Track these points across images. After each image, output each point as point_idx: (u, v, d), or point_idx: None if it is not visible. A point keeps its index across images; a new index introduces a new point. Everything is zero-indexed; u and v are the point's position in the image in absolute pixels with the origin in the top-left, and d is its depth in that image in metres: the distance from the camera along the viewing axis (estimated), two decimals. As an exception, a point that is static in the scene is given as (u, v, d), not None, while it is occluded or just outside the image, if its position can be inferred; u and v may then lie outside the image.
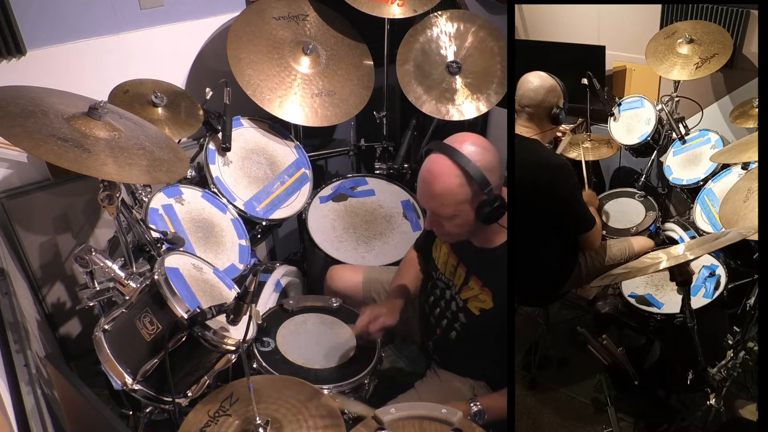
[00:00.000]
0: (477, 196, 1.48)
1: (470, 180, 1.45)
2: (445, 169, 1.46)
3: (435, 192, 1.49)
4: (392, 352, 2.44)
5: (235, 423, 1.35)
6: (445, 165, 1.47)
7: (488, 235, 1.60)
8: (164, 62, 2.28)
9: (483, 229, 1.57)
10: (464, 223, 1.53)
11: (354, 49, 2.43)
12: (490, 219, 1.50)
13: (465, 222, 1.53)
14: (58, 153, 1.30)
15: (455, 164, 1.45)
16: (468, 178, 1.45)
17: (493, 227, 1.56)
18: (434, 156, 1.49)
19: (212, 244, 1.99)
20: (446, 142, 1.49)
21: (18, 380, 1.45)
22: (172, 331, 1.37)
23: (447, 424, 1.30)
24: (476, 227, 1.55)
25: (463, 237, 1.62)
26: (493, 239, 1.61)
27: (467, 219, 1.52)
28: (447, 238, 1.70)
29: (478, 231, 1.58)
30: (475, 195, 1.48)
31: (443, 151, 1.47)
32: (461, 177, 1.46)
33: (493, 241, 1.61)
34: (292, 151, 2.38)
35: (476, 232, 1.59)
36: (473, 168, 1.44)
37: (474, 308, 1.68)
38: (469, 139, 1.49)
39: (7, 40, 1.94)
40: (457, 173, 1.46)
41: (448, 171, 1.46)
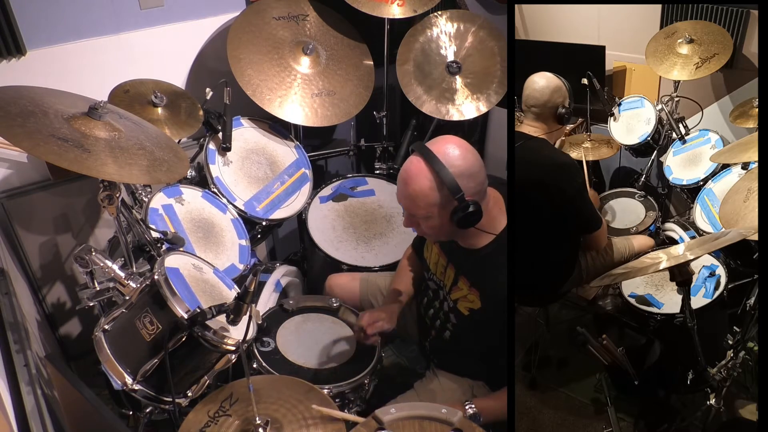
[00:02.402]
0: (449, 201, 1.48)
1: (441, 185, 1.45)
2: (419, 172, 1.47)
3: (408, 192, 1.50)
4: (392, 352, 2.44)
5: (235, 423, 1.35)
6: (419, 167, 1.47)
7: (472, 237, 1.61)
8: (164, 62, 2.28)
9: (465, 232, 1.57)
10: (438, 225, 1.54)
11: (354, 49, 2.43)
12: (463, 224, 1.50)
13: (439, 224, 1.53)
14: (58, 153, 1.30)
15: (429, 168, 1.46)
16: (439, 183, 1.46)
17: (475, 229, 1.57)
18: (413, 157, 1.50)
19: (212, 244, 1.99)
20: (427, 145, 1.50)
21: (18, 380, 1.45)
22: (172, 331, 1.37)
23: (447, 424, 1.29)
24: (454, 229, 1.55)
25: (442, 237, 1.62)
26: (478, 240, 1.61)
27: (441, 222, 1.52)
28: (427, 237, 1.72)
29: (459, 232, 1.58)
30: (446, 200, 1.48)
31: (421, 153, 1.48)
32: (432, 181, 1.46)
33: (478, 242, 1.61)
34: (292, 151, 2.38)
35: (458, 234, 1.59)
36: (446, 173, 1.44)
37: (463, 308, 1.68)
38: (450, 143, 1.49)
39: (7, 40, 1.94)
40: (429, 177, 1.46)
41: (422, 174, 1.46)
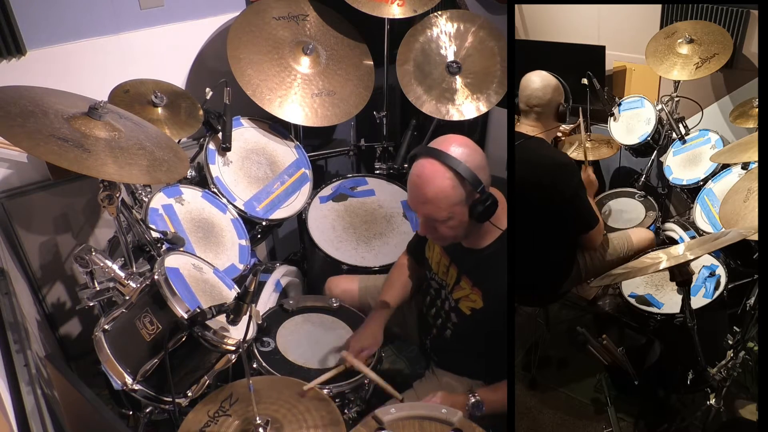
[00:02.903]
0: (470, 196, 1.48)
1: (462, 181, 1.46)
2: (436, 173, 1.46)
3: (428, 196, 1.48)
4: (392, 352, 2.44)
5: (235, 423, 1.36)
6: (435, 168, 1.46)
7: (477, 237, 1.61)
8: (164, 62, 2.28)
9: (473, 231, 1.57)
10: (458, 225, 1.53)
11: (354, 49, 2.43)
12: (483, 217, 1.50)
13: (459, 223, 1.53)
14: (58, 153, 1.30)
15: (445, 166, 1.45)
16: (460, 179, 1.46)
17: (482, 228, 1.57)
18: (423, 160, 1.49)
19: (212, 244, 1.99)
20: (432, 146, 1.49)
21: (18, 380, 1.45)
22: (172, 331, 1.37)
23: (447, 424, 1.29)
24: (469, 228, 1.55)
25: (458, 239, 1.62)
26: (482, 240, 1.61)
27: (461, 220, 1.52)
28: (440, 242, 1.70)
29: (469, 232, 1.58)
30: (468, 195, 1.48)
31: (431, 154, 1.47)
32: (453, 179, 1.46)
33: (482, 242, 1.62)
34: (292, 151, 2.38)
35: (467, 234, 1.59)
36: (464, 168, 1.44)
37: (465, 308, 1.68)
38: (454, 141, 1.49)
39: (7, 40, 1.94)
40: (449, 175, 1.46)
41: (440, 174, 1.46)
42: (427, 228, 1.57)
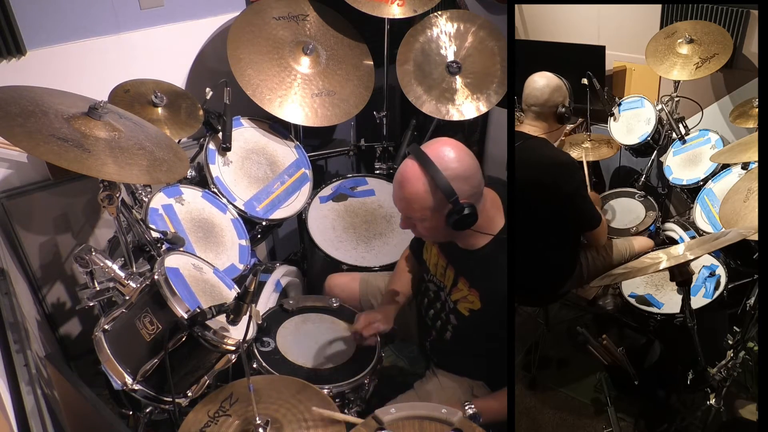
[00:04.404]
0: (443, 204, 1.48)
1: (435, 188, 1.46)
2: (413, 175, 1.47)
3: (403, 195, 1.50)
4: (392, 352, 2.44)
5: (235, 423, 1.35)
6: (414, 170, 1.47)
7: (471, 237, 1.60)
8: (164, 62, 2.28)
9: (462, 232, 1.56)
10: (433, 228, 1.54)
11: (354, 49, 2.43)
12: (458, 226, 1.50)
13: (435, 226, 1.53)
14: (58, 153, 1.30)
15: (423, 171, 1.46)
16: (433, 187, 1.46)
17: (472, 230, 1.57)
18: (407, 160, 1.50)
19: (212, 244, 1.99)
20: (422, 148, 1.50)
21: (18, 380, 1.45)
22: (172, 331, 1.37)
23: (447, 424, 1.29)
24: (450, 231, 1.54)
25: (440, 238, 1.63)
26: (476, 241, 1.61)
27: (436, 224, 1.52)
28: (424, 239, 1.72)
29: (456, 234, 1.58)
30: (440, 203, 1.48)
31: (416, 156, 1.48)
32: (427, 184, 1.46)
33: (476, 242, 1.61)
34: (292, 151, 2.38)
35: (455, 235, 1.59)
36: (440, 177, 1.44)
37: (463, 309, 1.68)
38: (445, 146, 1.49)
39: (7, 40, 1.94)
40: (424, 180, 1.46)
41: (417, 177, 1.47)
42: (407, 223, 1.59)
